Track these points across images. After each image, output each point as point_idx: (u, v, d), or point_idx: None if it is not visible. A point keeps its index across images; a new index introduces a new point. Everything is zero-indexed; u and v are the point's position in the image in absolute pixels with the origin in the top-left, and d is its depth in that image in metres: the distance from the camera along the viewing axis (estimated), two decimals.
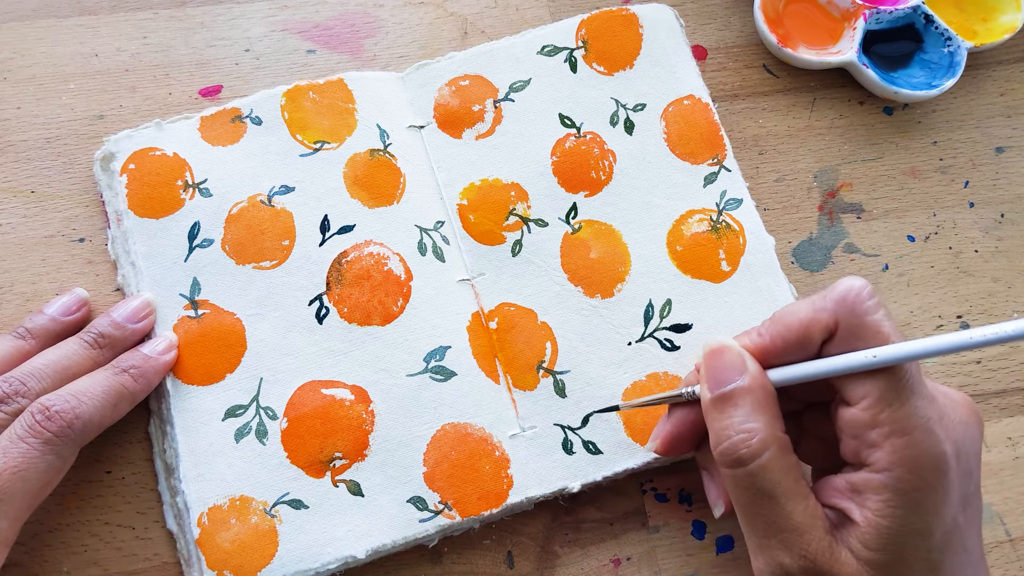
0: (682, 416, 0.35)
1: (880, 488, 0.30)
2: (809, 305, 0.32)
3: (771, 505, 0.31)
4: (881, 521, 0.30)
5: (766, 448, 0.31)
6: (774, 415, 0.32)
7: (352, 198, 0.41)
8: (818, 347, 0.32)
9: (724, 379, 0.32)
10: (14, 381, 0.34)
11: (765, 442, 0.31)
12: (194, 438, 0.37)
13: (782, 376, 0.32)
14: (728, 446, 0.31)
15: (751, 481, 0.31)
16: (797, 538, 0.30)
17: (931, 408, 0.30)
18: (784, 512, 0.30)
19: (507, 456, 0.38)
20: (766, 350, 0.32)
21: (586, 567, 0.38)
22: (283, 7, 0.46)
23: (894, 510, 0.30)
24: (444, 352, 0.39)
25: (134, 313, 0.38)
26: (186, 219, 0.40)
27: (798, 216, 0.45)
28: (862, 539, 0.30)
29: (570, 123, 0.44)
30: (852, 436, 0.31)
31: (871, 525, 0.30)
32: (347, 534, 0.36)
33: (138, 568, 0.37)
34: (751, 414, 0.31)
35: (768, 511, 0.31)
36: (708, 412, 0.32)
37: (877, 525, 0.30)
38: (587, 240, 0.42)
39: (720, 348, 0.32)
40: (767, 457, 0.31)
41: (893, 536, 0.30)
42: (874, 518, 0.30)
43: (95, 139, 0.43)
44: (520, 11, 0.47)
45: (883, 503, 0.30)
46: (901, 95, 0.45)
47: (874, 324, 0.31)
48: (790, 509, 0.30)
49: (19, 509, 0.32)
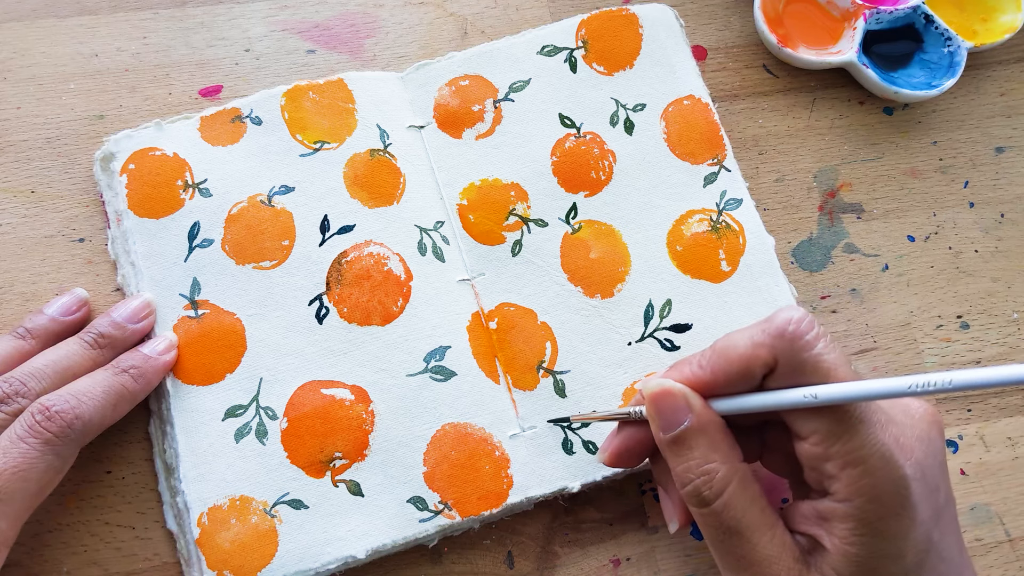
0: (630, 433, 0.35)
1: (844, 517, 0.30)
2: (748, 339, 0.31)
3: (738, 540, 0.31)
4: (849, 549, 0.30)
5: (727, 484, 0.31)
6: (730, 447, 0.32)
7: (352, 198, 0.41)
8: (759, 381, 0.31)
9: (673, 421, 0.32)
10: (14, 381, 0.34)
11: (725, 479, 0.31)
12: (194, 438, 0.37)
13: (726, 407, 0.32)
14: (692, 489, 0.31)
15: (717, 519, 0.31)
16: (766, 570, 0.30)
17: (885, 433, 0.30)
18: (751, 545, 0.31)
19: (507, 456, 0.38)
20: (707, 383, 0.32)
21: (586, 567, 0.38)
22: (283, 7, 0.46)
23: (861, 538, 0.29)
24: (444, 352, 0.39)
25: (134, 313, 0.38)
26: (186, 219, 0.40)
27: (798, 216, 0.45)
28: (834, 566, 0.30)
29: (570, 123, 0.44)
30: (810, 468, 0.31)
31: (840, 553, 0.30)
32: (347, 534, 0.36)
33: (138, 568, 0.37)
34: (707, 453, 0.31)
35: (736, 546, 0.31)
36: (665, 453, 0.32)
37: (846, 553, 0.30)
38: (587, 240, 0.42)
39: (662, 392, 0.32)
40: (729, 494, 0.31)
41: (863, 562, 0.29)
42: (842, 546, 0.30)
43: (95, 139, 0.43)
44: (520, 11, 0.47)
45: (849, 531, 0.30)
46: (901, 95, 0.45)
47: (814, 359, 0.30)
48: (756, 541, 0.31)
49: (19, 509, 0.32)
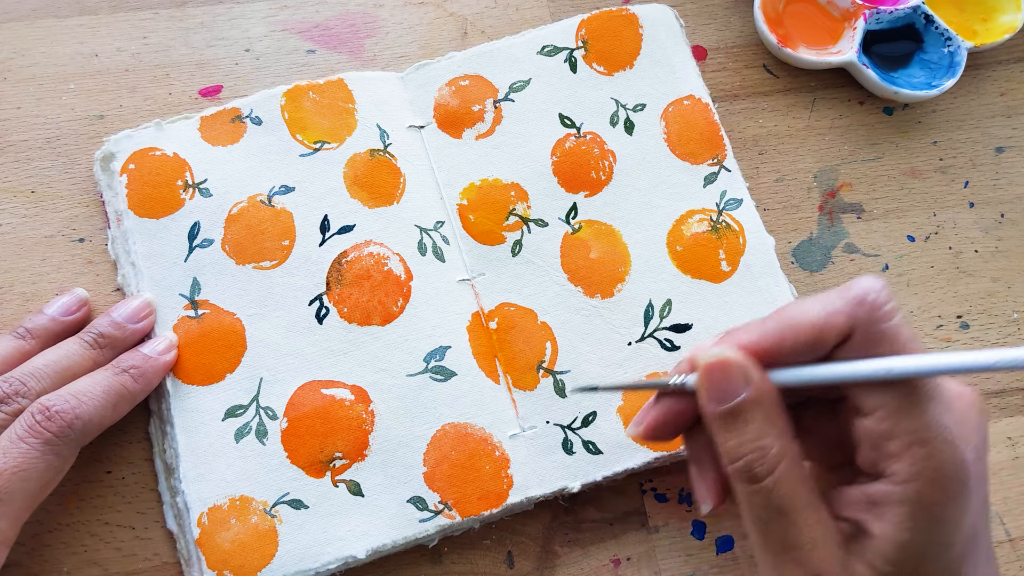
0: (670, 404, 0.33)
1: (901, 501, 0.28)
2: (821, 306, 0.30)
3: (784, 522, 0.29)
4: (901, 535, 0.28)
5: (780, 461, 0.29)
6: (785, 422, 0.30)
7: (352, 198, 0.41)
8: (828, 351, 0.30)
9: (728, 392, 0.30)
10: (14, 381, 0.34)
11: (779, 455, 0.29)
12: (194, 438, 0.37)
13: (787, 378, 0.30)
14: (743, 465, 0.30)
15: (766, 498, 0.29)
16: (809, 554, 0.29)
17: (948, 415, 0.29)
18: (796, 528, 0.29)
19: (507, 456, 0.38)
20: (768, 352, 0.30)
21: (586, 567, 0.38)
22: (283, 7, 0.46)
23: (915, 523, 0.28)
24: (444, 352, 0.39)
25: (134, 313, 0.38)
26: (186, 219, 0.40)
27: (798, 216, 0.45)
28: (880, 552, 0.29)
29: (570, 123, 0.44)
30: (870, 447, 0.30)
31: (889, 539, 0.28)
32: (347, 534, 0.36)
33: (138, 568, 0.37)
34: (763, 427, 0.30)
35: (781, 527, 0.30)
36: (714, 427, 0.31)
37: (896, 539, 0.28)
38: (587, 240, 0.42)
39: (719, 363, 0.30)
40: (781, 471, 0.29)
41: (913, 550, 0.28)
42: (893, 532, 0.28)
43: (95, 139, 0.43)
44: (520, 11, 0.47)
45: (904, 516, 0.28)
46: (901, 95, 0.45)
47: (892, 331, 0.29)
48: (801, 524, 0.29)
49: (19, 509, 0.32)
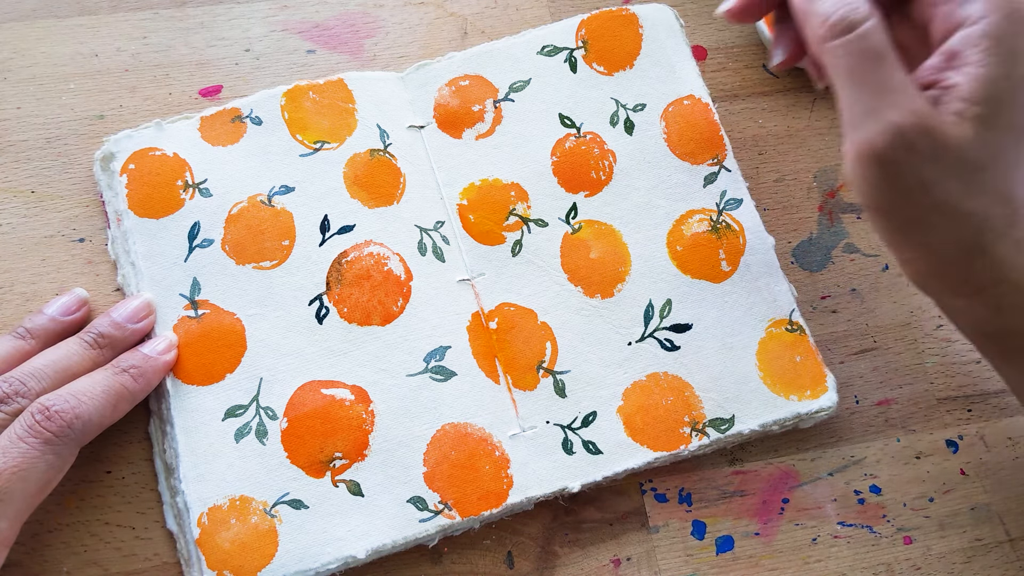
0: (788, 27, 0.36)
1: (979, 38, 0.30)
2: None
3: (881, 64, 0.31)
4: (982, 71, 0.30)
5: (872, 13, 0.31)
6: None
7: (352, 198, 0.41)
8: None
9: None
10: (14, 381, 0.34)
11: (870, 10, 0.31)
12: (194, 438, 0.37)
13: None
14: (839, 17, 0.31)
15: (863, 43, 0.31)
16: (905, 97, 0.31)
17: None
18: (892, 69, 0.31)
19: (507, 456, 0.38)
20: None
21: (586, 567, 0.38)
22: (283, 7, 0.46)
23: (995, 57, 0.30)
24: (444, 352, 0.39)
25: (134, 313, 0.38)
26: (186, 219, 0.40)
27: (798, 216, 0.45)
28: (964, 96, 0.31)
29: (570, 123, 0.44)
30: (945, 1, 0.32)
31: (972, 78, 0.30)
32: (347, 534, 0.36)
33: (138, 568, 0.37)
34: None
35: (878, 71, 0.31)
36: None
37: (978, 76, 0.30)
38: (587, 240, 0.42)
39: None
40: (874, 21, 0.31)
41: (993, 84, 0.30)
42: (974, 70, 0.30)
43: (95, 139, 0.43)
44: (520, 11, 0.47)
45: (983, 52, 0.30)
46: None
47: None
48: (897, 67, 0.31)
49: (19, 509, 0.32)
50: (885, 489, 0.41)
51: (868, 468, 0.41)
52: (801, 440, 0.41)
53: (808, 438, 0.41)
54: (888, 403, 0.42)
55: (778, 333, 0.41)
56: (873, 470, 0.41)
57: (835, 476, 0.41)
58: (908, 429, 0.41)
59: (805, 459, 0.41)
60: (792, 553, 0.39)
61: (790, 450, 0.41)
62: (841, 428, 0.41)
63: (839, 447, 0.41)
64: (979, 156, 0.31)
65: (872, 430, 0.41)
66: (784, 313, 0.41)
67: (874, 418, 0.42)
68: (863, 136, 0.32)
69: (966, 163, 0.31)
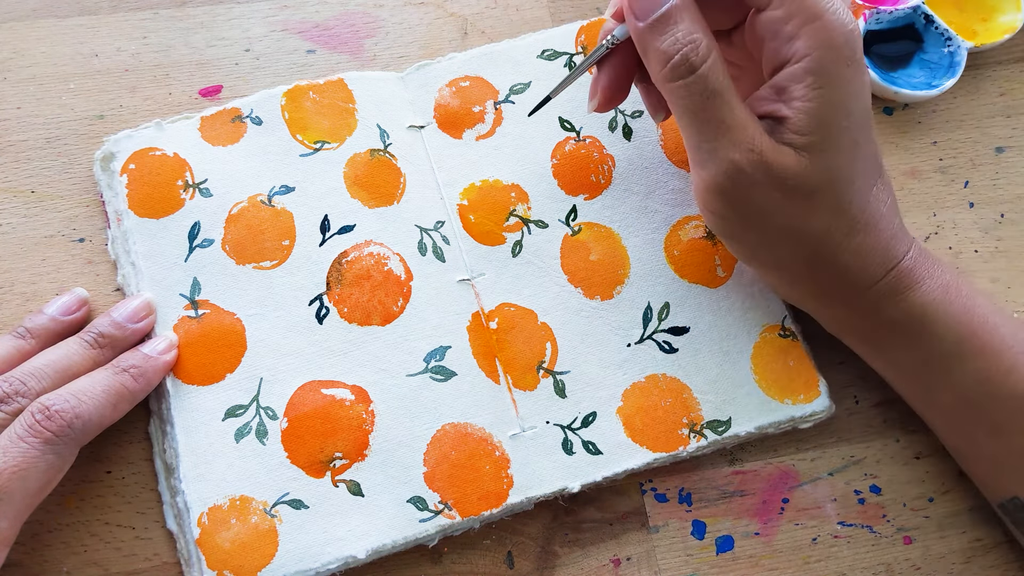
0: (611, 66, 0.37)
1: (803, 74, 0.32)
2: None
3: (720, 103, 0.33)
4: (808, 104, 0.32)
5: (711, 51, 0.33)
6: (706, 25, 0.34)
7: (352, 198, 0.41)
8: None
9: (652, 5, 0.33)
10: (14, 381, 0.34)
11: (709, 47, 0.33)
12: (194, 438, 0.37)
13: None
14: (680, 58, 0.33)
15: (703, 84, 0.33)
16: (743, 134, 0.33)
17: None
18: (730, 107, 0.33)
19: (507, 456, 0.38)
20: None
21: (586, 567, 0.38)
22: (283, 7, 0.46)
23: (818, 90, 0.32)
24: (444, 352, 0.39)
25: (134, 313, 0.38)
26: (186, 219, 0.40)
27: None
28: (794, 128, 0.33)
29: (570, 127, 0.44)
30: (771, 37, 0.33)
31: (800, 111, 0.33)
32: (347, 534, 0.36)
33: (138, 568, 0.37)
34: (692, 26, 0.33)
35: (717, 110, 0.33)
36: (645, 39, 0.34)
37: (805, 109, 0.33)
38: (587, 242, 0.42)
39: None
40: (713, 59, 0.33)
41: (819, 115, 0.32)
42: (801, 104, 0.33)
43: (95, 139, 0.43)
44: (520, 12, 0.47)
45: (807, 87, 0.32)
46: (901, 95, 0.45)
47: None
48: (735, 104, 0.33)
49: (19, 509, 0.32)
50: (885, 489, 0.41)
51: (868, 468, 0.41)
52: (801, 440, 0.41)
53: (808, 438, 0.41)
54: (888, 403, 0.42)
55: (771, 338, 0.41)
56: (873, 470, 0.41)
57: (835, 476, 0.41)
58: (908, 429, 0.41)
59: (805, 459, 0.41)
60: (792, 553, 0.39)
61: (790, 450, 0.41)
62: (841, 428, 0.41)
63: (839, 447, 0.41)
64: (814, 180, 0.33)
65: (872, 430, 0.41)
66: (777, 319, 0.41)
67: (874, 418, 0.42)
68: (708, 174, 0.34)
69: (802, 188, 0.33)
